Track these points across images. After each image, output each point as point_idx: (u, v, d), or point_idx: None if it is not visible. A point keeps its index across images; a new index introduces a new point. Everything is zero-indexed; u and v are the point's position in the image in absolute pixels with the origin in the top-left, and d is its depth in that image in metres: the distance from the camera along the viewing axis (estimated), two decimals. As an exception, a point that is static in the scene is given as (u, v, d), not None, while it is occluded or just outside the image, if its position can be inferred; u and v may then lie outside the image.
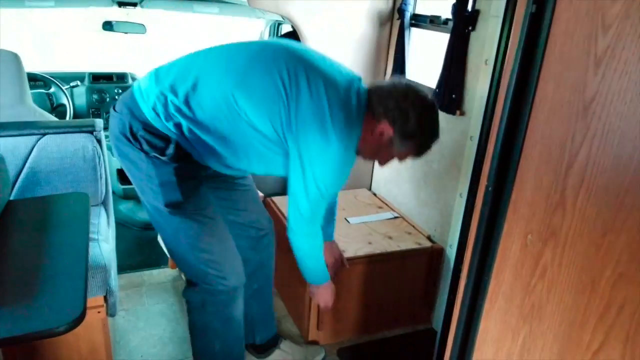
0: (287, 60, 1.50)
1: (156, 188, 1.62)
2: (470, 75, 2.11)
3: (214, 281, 1.71)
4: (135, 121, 1.58)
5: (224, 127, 1.55)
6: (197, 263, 1.69)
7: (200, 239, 1.68)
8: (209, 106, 1.53)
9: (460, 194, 2.20)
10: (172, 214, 1.63)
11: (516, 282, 0.95)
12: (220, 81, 1.52)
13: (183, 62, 1.63)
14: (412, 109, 1.50)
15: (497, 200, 0.99)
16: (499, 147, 0.96)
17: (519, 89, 0.92)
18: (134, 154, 1.60)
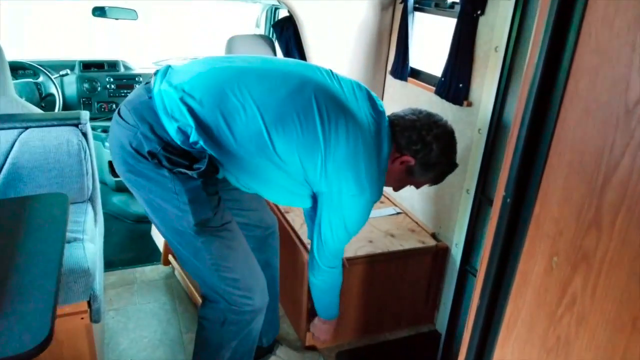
0: (326, 102, 1.45)
1: (184, 206, 1.46)
2: (479, 63, 1.97)
3: (239, 301, 1.60)
4: (157, 140, 1.42)
5: (252, 159, 1.46)
6: (221, 283, 1.57)
7: (225, 257, 1.55)
8: (241, 137, 1.42)
9: (467, 190, 2.08)
10: (198, 233, 1.49)
11: (539, 310, 0.83)
12: (256, 115, 1.41)
13: (212, 80, 1.46)
14: (435, 141, 1.53)
15: (516, 213, 0.86)
16: (520, 153, 0.83)
17: (544, 85, 0.78)
18: (153, 170, 1.44)
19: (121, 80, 3.28)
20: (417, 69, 2.40)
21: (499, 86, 1.85)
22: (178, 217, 1.48)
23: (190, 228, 1.48)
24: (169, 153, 1.42)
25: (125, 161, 1.47)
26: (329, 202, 1.52)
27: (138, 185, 1.49)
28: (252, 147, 1.43)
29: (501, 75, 1.84)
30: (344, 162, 1.45)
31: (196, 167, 1.43)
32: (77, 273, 1.64)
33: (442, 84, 2.10)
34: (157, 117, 1.42)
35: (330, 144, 1.43)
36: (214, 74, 1.47)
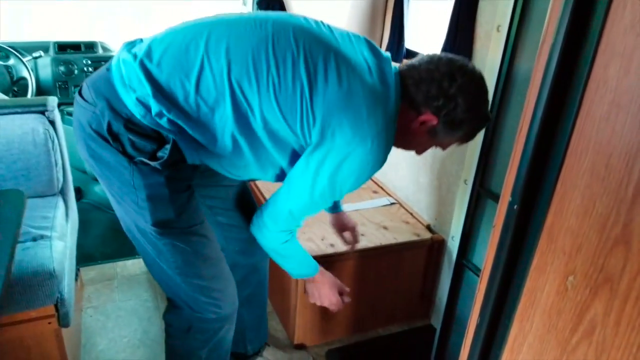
0: (310, 44, 1.21)
1: (142, 203, 1.28)
2: (479, 44, 1.83)
3: (205, 309, 1.44)
4: (115, 117, 1.21)
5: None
6: (187, 289, 1.41)
7: (191, 263, 1.38)
8: (210, 98, 1.20)
9: (465, 180, 1.95)
10: (160, 234, 1.32)
11: (549, 334, 0.71)
12: (223, 68, 1.19)
13: (174, 38, 1.24)
14: (461, 93, 1.22)
15: (524, 222, 0.73)
16: (530, 153, 0.70)
17: (562, 70, 0.65)
18: (113, 157, 1.24)
19: (99, 62, 3.11)
20: (413, 50, 2.25)
21: (501, 69, 1.71)
22: (137, 213, 1.30)
23: (148, 228, 1.31)
24: (132, 132, 1.21)
25: (86, 144, 1.28)
26: (318, 154, 1.22)
27: (99, 172, 1.31)
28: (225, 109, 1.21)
29: (504, 56, 1.70)
30: (335, 104, 1.18)
31: (159, 155, 1.23)
32: (41, 275, 1.51)
33: (438, 66, 1.95)
34: (113, 90, 1.22)
35: (317, 85, 1.18)
36: (178, 33, 1.25)
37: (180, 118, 1.20)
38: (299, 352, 2.04)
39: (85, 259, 2.56)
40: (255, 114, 1.21)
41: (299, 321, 2.04)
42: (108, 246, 2.80)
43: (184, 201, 1.34)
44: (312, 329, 2.08)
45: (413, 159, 2.31)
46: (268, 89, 1.18)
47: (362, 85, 1.20)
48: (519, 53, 1.67)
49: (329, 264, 1.94)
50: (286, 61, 1.18)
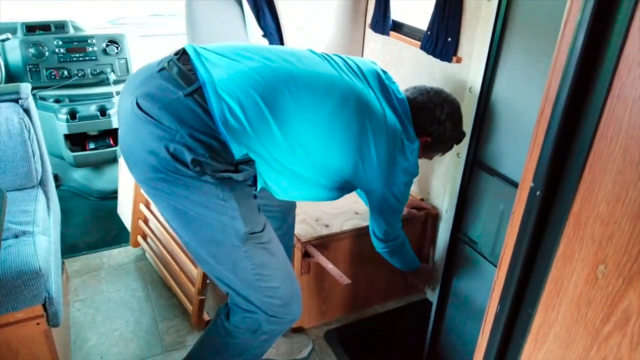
0: (366, 114, 1.41)
1: (234, 213, 1.29)
2: (469, 14, 1.77)
3: (279, 312, 1.46)
4: (198, 146, 1.21)
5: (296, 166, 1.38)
6: (259, 294, 1.42)
7: (266, 265, 1.40)
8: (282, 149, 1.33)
9: (457, 154, 1.92)
10: (243, 241, 1.33)
11: (577, 324, 0.68)
12: (303, 128, 1.34)
13: (261, 82, 1.28)
14: (449, 119, 1.59)
15: (548, 209, 0.70)
16: (554, 136, 0.66)
17: (591, 41, 0.60)
18: (193, 177, 1.24)
19: (71, 42, 2.96)
20: (400, 21, 2.19)
21: (492, 40, 1.66)
22: (224, 225, 1.30)
23: (236, 237, 1.32)
24: (214, 161, 1.23)
25: (155, 169, 1.24)
26: (381, 198, 1.57)
27: (170, 193, 1.28)
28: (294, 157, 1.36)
29: (494, 27, 1.65)
30: (385, 162, 1.47)
31: (242, 167, 1.27)
32: (27, 275, 1.45)
33: (428, 38, 1.90)
34: (201, 121, 1.22)
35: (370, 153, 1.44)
36: (260, 73, 1.29)
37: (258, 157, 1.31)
38: (298, 335, 2.02)
39: (69, 250, 2.49)
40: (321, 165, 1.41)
41: (295, 304, 2.01)
42: (91, 235, 2.73)
43: (258, 206, 1.39)
44: (309, 311, 2.06)
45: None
46: (343, 151, 1.42)
47: (394, 139, 1.48)
48: (510, 24, 1.62)
49: (324, 245, 1.91)
50: (351, 129, 1.40)
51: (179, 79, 1.25)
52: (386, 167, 1.47)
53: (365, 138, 1.40)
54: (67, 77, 2.96)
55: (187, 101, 1.22)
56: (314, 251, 1.83)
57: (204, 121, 1.22)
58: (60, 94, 2.91)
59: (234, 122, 1.23)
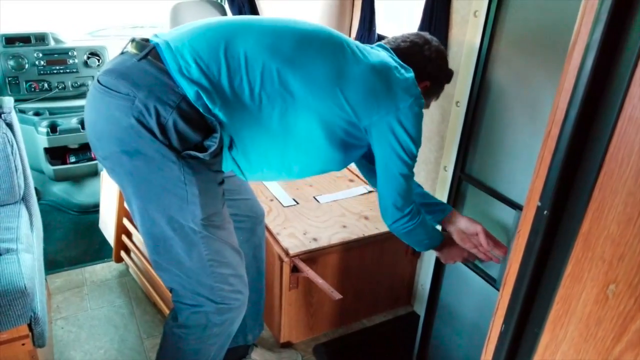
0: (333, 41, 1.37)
1: (193, 198, 1.25)
2: (456, 30, 1.80)
3: (228, 297, 1.42)
4: (163, 106, 1.18)
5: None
6: (212, 280, 1.38)
7: (221, 251, 1.37)
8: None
9: (444, 167, 1.93)
10: (203, 227, 1.30)
11: (586, 343, 0.68)
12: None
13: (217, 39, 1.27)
14: (438, 56, 1.53)
15: (555, 228, 0.70)
16: (562, 156, 0.66)
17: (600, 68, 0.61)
18: (157, 152, 1.20)
19: (52, 55, 2.91)
20: (385, 35, 2.20)
21: (479, 55, 1.69)
22: (181, 209, 1.26)
23: (193, 222, 1.28)
24: (183, 120, 1.19)
25: (119, 139, 1.21)
26: (388, 132, 1.38)
27: (130, 170, 1.24)
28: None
29: (482, 42, 1.67)
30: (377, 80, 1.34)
31: (207, 144, 1.22)
32: (12, 294, 1.40)
33: (414, 52, 1.91)
34: (159, 78, 1.20)
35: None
36: (218, 28, 1.29)
37: (237, 110, 1.25)
38: (287, 350, 2.00)
39: (50, 266, 2.43)
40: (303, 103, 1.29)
41: (285, 319, 1.99)
42: (73, 250, 2.66)
43: (222, 193, 1.35)
44: (297, 326, 2.04)
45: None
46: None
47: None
48: (497, 39, 1.65)
49: (312, 259, 1.90)
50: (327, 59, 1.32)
51: (134, 49, 1.27)
52: (380, 85, 1.34)
53: (345, 60, 1.33)
54: (48, 90, 2.91)
55: (141, 65, 1.23)
56: (303, 266, 1.82)
57: (160, 79, 1.20)
58: (40, 106, 2.85)
59: (194, 73, 1.21)
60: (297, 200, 2.21)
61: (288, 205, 2.17)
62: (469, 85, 1.74)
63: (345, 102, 1.31)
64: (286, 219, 2.08)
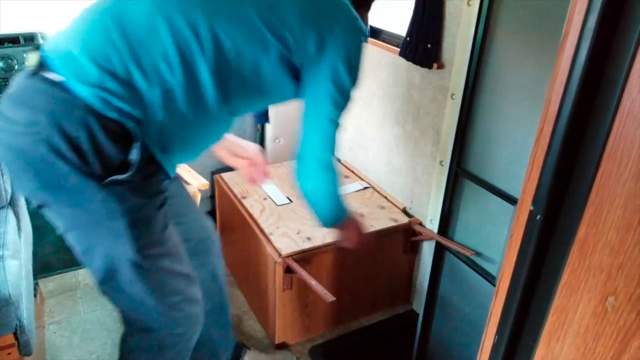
0: None
1: (123, 231, 1.11)
2: (450, 20, 1.74)
3: (181, 324, 1.32)
4: (72, 126, 1.01)
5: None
6: (162, 310, 1.27)
7: (167, 283, 1.24)
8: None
9: (440, 162, 1.87)
10: (142, 260, 1.16)
11: (584, 358, 0.63)
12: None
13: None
14: None
15: (549, 234, 0.65)
16: (556, 156, 0.61)
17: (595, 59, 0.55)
18: (78, 183, 1.04)
19: (41, 55, 2.86)
20: (378, 27, 2.14)
21: (474, 45, 1.63)
22: (113, 244, 1.13)
23: (127, 257, 1.14)
24: (98, 135, 1.01)
25: (35, 175, 1.06)
26: (323, 64, 1.19)
27: (56, 205, 1.11)
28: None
29: (476, 32, 1.61)
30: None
31: (130, 159, 1.05)
32: (-5, 303, 1.36)
33: (407, 44, 1.85)
34: (55, 96, 1.02)
35: None
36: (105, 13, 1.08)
37: (158, 98, 1.07)
38: (282, 352, 1.95)
39: (43, 269, 2.38)
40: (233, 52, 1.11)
41: (279, 320, 1.95)
42: (66, 253, 2.60)
43: (162, 217, 1.19)
44: (292, 327, 2.00)
45: (383, 140, 2.22)
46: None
47: None
48: (492, 29, 1.59)
49: (306, 259, 1.86)
50: None
51: (34, 63, 1.09)
52: (315, 11, 1.16)
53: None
54: (36, 90, 2.85)
55: (33, 83, 1.05)
56: (296, 267, 1.77)
57: (57, 96, 1.02)
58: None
59: (93, 76, 1.03)
60: (290, 199, 2.16)
61: (281, 204, 2.12)
62: (464, 77, 1.69)
63: (279, 35, 1.13)
64: (279, 218, 2.03)
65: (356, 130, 2.41)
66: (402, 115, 2.07)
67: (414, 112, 1.99)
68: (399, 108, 2.08)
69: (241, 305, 2.24)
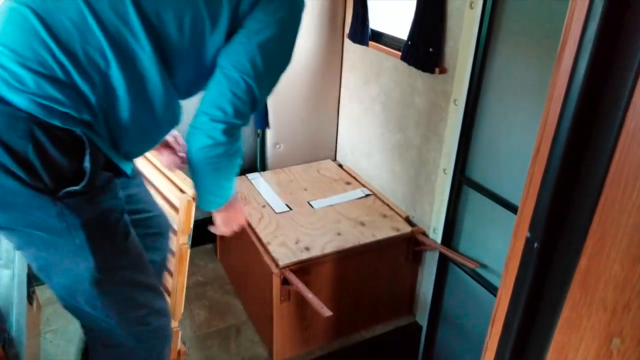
0: None
1: (81, 244, 1.03)
2: (452, 22, 1.67)
3: (148, 337, 1.27)
4: (15, 140, 0.92)
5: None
6: (127, 326, 1.21)
7: (131, 296, 1.19)
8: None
9: (444, 170, 1.81)
10: (103, 275, 1.09)
11: (587, 403, 0.57)
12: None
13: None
14: None
15: (547, 264, 0.59)
16: (554, 177, 0.55)
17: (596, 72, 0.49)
18: (28, 197, 0.96)
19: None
20: (379, 31, 2.08)
21: (477, 49, 1.57)
22: (73, 260, 1.06)
23: (88, 272, 1.07)
24: (45, 146, 0.94)
25: None
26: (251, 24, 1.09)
27: (9, 227, 1.04)
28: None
29: (479, 36, 1.55)
30: None
31: (84, 167, 0.97)
32: (-19, 316, 1.32)
33: (408, 48, 1.79)
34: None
35: None
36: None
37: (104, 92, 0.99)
38: (279, 366, 1.90)
39: (39, 278, 2.35)
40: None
41: (277, 332, 1.89)
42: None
43: (123, 225, 1.13)
44: (291, 339, 1.94)
45: (384, 146, 2.16)
46: None
47: None
48: (495, 32, 1.52)
49: (304, 270, 1.80)
50: None
51: None
52: None
53: None
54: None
55: None
56: (293, 278, 1.72)
57: None
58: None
59: (28, 80, 0.93)
60: (290, 206, 2.10)
61: (280, 212, 2.06)
62: (466, 82, 1.62)
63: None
64: (278, 226, 1.97)
65: (358, 135, 2.35)
66: (403, 121, 2.01)
67: (416, 118, 1.93)
68: (400, 113, 2.01)
69: (240, 315, 2.18)
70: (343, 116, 2.46)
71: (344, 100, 2.42)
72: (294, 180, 2.33)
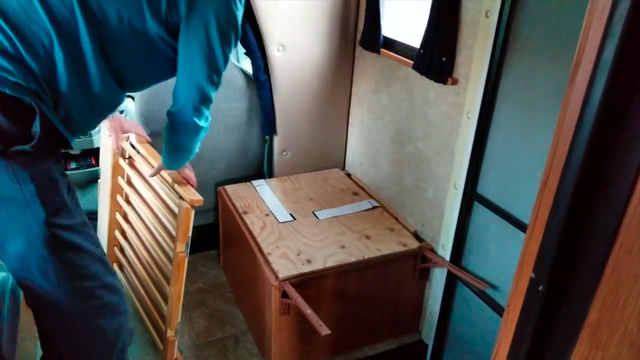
0: None
1: (31, 198, 1.15)
2: (466, 32, 1.60)
3: (100, 311, 1.33)
4: None
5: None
6: (80, 296, 1.28)
7: (85, 260, 1.27)
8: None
9: (454, 185, 1.74)
10: (51, 231, 1.18)
11: None
12: None
13: None
14: None
15: (554, 312, 0.52)
16: (563, 214, 0.48)
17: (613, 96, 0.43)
18: None
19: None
20: (391, 38, 2.02)
21: (492, 60, 1.50)
22: (23, 215, 1.15)
23: (38, 225, 1.16)
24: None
25: None
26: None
27: None
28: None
29: (494, 46, 1.48)
30: None
31: (33, 131, 1.11)
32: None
33: (421, 57, 1.73)
34: None
35: None
36: None
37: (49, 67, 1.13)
38: (277, 382, 1.84)
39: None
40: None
41: (276, 346, 1.83)
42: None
43: (67, 182, 1.25)
44: (290, 354, 1.88)
45: (394, 157, 2.09)
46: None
47: None
48: (512, 43, 1.45)
49: (305, 284, 1.74)
50: None
51: None
52: None
53: None
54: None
55: None
56: (292, 292, 1.65)
57: None
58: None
59: None
60: (294, 216, 2.04)
61: (284, 221, 2.01)
62: (480, 94, 1.56)
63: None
64: (280, 236, 1.92)
65: (367, 145, 2.29)
66: (414, 132, 1.94)
67: (427, 130, 1.86)
68: (411, 124, 1.95)
69: (239, 325, 2.13)
70: (352, 124, 2.40)
71: (354, 108, 2.36)
72: (299, 189, 2.27)
